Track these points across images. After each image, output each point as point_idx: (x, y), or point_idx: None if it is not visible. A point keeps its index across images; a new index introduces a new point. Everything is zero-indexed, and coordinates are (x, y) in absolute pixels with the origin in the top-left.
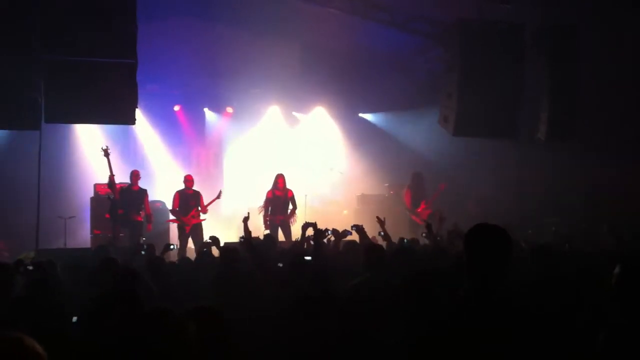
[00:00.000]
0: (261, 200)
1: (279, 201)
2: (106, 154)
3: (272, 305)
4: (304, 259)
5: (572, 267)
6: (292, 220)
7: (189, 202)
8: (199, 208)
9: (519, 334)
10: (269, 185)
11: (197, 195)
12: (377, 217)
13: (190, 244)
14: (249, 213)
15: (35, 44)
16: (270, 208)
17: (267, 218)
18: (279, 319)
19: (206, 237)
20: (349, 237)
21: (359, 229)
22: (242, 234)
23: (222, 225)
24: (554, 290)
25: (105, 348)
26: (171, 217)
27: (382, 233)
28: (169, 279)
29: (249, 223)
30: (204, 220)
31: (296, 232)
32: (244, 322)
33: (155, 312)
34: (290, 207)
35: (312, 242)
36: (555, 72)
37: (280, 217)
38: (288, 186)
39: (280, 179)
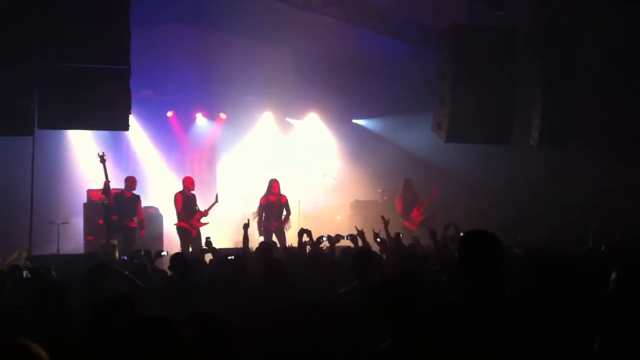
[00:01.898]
0: (255, 206)
1: (274, 207)
2: (102, 160)
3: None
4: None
5: (568, 269)
6: (286, 226)
7: (192, 204)
8: (201, 211)
9: (517, 337)
10: (262, 191)
11: (195, 198)
12: (382, 217)
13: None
14: (249, 220)
15: (29, 50)
16: (264, 214)
17: (262, 224)
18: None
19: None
20: (342, 242)
21: (354, 237)
22: (237, 238)
23: (216, 230)
24: (551, 292)
25: (102, 354)
26: (175, 220)
27: (379, 239)
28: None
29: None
30: (207, 223)
31: (290, 238)
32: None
33: (153, 318)
34: (284, 213)
35: (308, 248)
36: (548, 77)
37: (274, 223)
38: (282, 192)
39: (275, 184)
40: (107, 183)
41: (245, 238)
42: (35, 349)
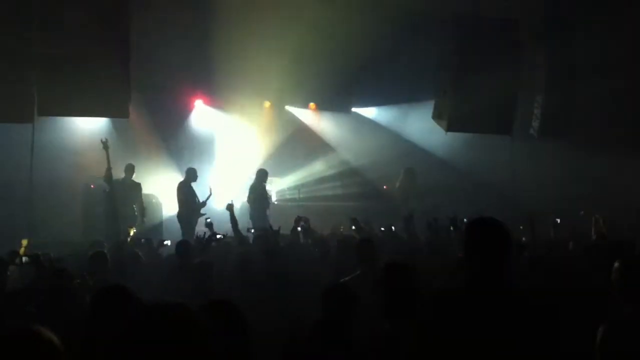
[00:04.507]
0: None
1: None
2: (105, 146)
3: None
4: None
5: (571, 260)
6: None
7: (194, 195)
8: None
9: (519, 327)
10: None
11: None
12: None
13: None
14: (232, 200)
15: (29, 37)
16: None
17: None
18: None
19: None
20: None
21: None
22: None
23: (214, 219)
24: (554, 283)
25: (114, 343)
26: (171, 209)
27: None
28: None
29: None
30: (204, 214)
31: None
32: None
33: (166, 305)
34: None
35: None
36: (550, 68)
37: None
38: (283, 180)
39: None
40: (109, 170)
41: (234, 220)
42: (47, 334)
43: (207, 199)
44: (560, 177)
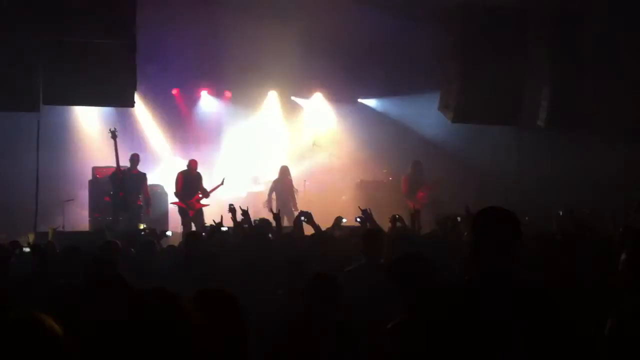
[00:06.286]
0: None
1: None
2: (114, 136)
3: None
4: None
5: (578, 253)
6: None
7: (192, 185)
8: (203, 191)
9: (525, 318)
10: (266, 171)
11: (200, 178)
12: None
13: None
14: (233, 205)
15: (34, 25)
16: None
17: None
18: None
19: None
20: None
21: (362, 218)
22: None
23: (221, 210)
24: (561, 275)
25: (96, 337)
26: (174, 199)
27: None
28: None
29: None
30: (207, 205)
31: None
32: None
33: (155, 292)
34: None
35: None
36: (557, 59)
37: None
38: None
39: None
40: (117, 160)
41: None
42: (49, 322)
43: (216, 188)
44: (567, 169)
